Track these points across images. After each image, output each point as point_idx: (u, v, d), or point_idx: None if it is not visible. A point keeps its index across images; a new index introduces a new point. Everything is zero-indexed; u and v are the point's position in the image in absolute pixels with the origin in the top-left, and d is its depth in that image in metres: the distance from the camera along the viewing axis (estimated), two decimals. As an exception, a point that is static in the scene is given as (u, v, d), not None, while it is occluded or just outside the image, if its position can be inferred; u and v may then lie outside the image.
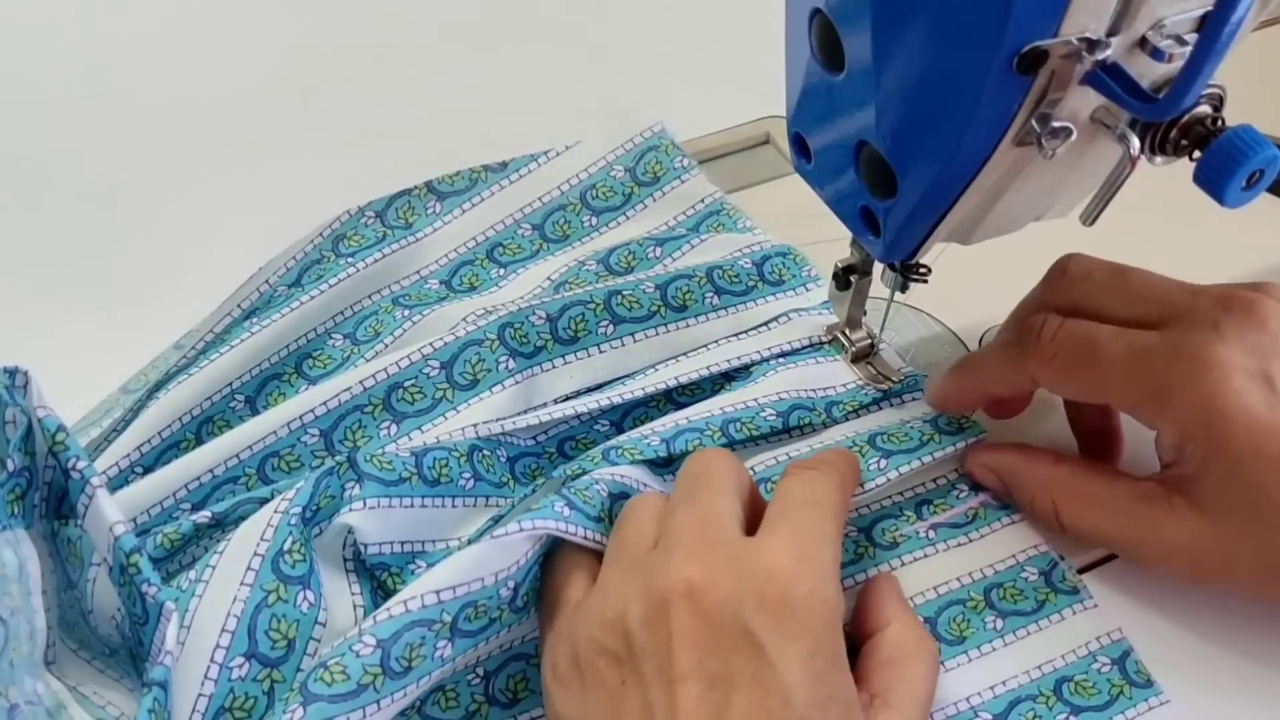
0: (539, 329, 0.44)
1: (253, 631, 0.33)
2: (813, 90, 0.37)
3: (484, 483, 0.40)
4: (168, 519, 0.38)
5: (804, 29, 0.36)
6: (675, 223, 0.51)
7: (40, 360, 0.34)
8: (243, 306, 0.45)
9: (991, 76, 0.29)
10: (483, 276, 0.49)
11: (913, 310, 0.49)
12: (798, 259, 0.49)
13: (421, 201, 0.50)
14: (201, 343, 0.44)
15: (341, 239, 0.49)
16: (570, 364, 0.44)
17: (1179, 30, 0.29)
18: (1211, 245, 0.50)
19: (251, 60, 0.64)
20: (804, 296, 0.48)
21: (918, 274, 0.40)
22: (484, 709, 0.36)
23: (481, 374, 0.43)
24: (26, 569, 0.33)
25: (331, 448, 0.41)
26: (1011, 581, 0.39)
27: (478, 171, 0.51)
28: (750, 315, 0.47)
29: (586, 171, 0.52)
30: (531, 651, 0.37)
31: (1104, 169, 0.33)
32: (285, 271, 0.47)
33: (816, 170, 0.40)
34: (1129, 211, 0.36)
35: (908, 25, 0.31)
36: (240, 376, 0.43)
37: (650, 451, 0.40)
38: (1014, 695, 0.37)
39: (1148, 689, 0.37)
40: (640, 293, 0.45)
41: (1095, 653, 0.38)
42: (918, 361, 0.47)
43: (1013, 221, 0.37)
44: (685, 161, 0.52)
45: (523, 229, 0.50)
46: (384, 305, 0.47)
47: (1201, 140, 0.32)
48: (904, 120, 0.33)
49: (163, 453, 0.41)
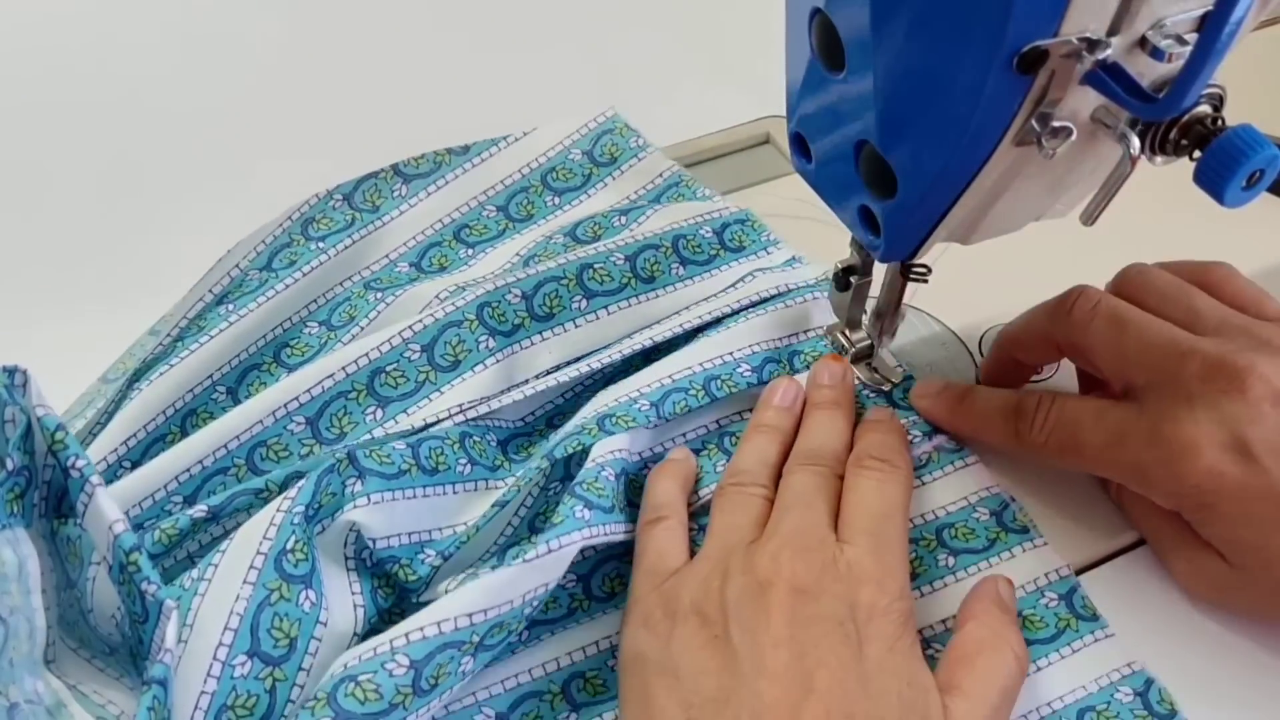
0: (515, 307, 0.44)
1: (255, 630, 0.33)
2: (813, 90, 0.37)
3: (479, 467, 0.41)
4: (160, 512, 0.38)
5: (804, 29, 0.36)
6: (636, 196, 0.52)
7: (38, 358, 0.34)
8: (214, 291, 0.46)
9: (992, 76, 0.29)
10: (451, 257, 0.50)
11: (913, 310, 0.49)
12: (755, 225, 0.50)
13: (388, 184, 0.51)
14: (176, 329, 0.44)
15: (311, 222, 0.49)
16: (548, 340, 0.45)
17: (1179, 30, 0.29)
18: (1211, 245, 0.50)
19: (251, 62, 0.65)
20: (765, 259, 0.49)
21: (918, 274, 0.40)
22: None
23: (462, 355, 0.43)
24: (26, 568, 0.33)
25: (318, 435, 0.41)
26: (963, 521, 0.41)
27: (441, 154, 0.52)
28: (715, 282, 0.48)
29: (545, 155, 0.53)
30: (544, 689, 0.37)
31: (1104, 169, 0.33)
32: (255, 255, 0.47)
33: (816, 170, 0.39)
34: (1129, 211, 0.36)
35: (908, 25, 0.31)
36: (220, 368, 0.43)
37: (642, 418, 0.41)
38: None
39: (1093, 622, 0.38)
40: (611, 265, 0.46)
41: (1043, 588, 0.39)
42: (918, 361, 0.47)
43: (1013, 221, 0.37)
44: (640, 141, 0.54)
45: (487, 210, 0.51)
46: (356, 290, 0.47)
47: (1201, 140, 0.32)
48: (904, 120, 0.33)
49: (149, 446, 0.41)
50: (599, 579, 0.40)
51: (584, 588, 0.40)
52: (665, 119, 0.53)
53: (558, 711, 0.36)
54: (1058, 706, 0.36)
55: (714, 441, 0.43)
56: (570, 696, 0.37)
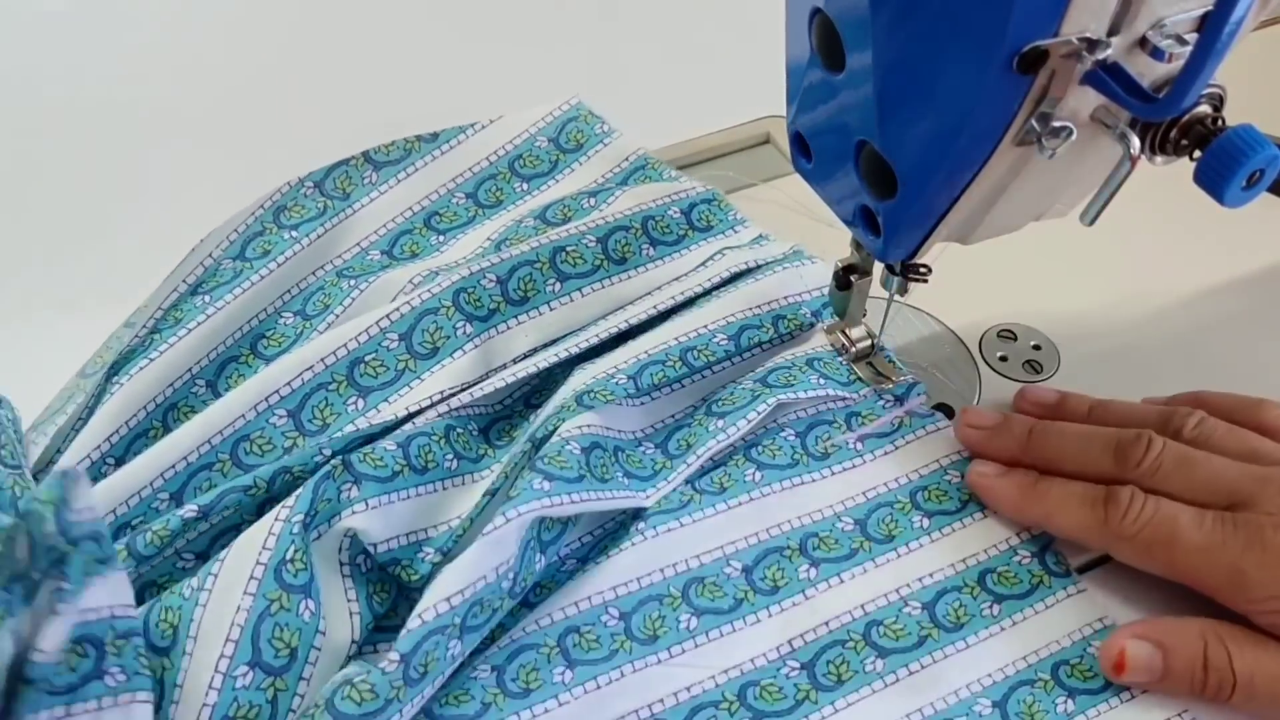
0: (490, 292, 0.45)
1: (256, 640, 0.33)
2: (813, 90, 0.37)
3: (465, 460, 0.41)
4: (147, 509, 0.38)
5: (804, 28, 0.36)
6: (604, 180, 0.53)
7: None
8: (188, 281, 0.46)
9: (992, 76, 0.29)
10: (423, 244, 0.50)
11: (913, 310, 0.49)
12: (722, 204, 0.50)
13: (359, 171, 0.51)
14: (151, 320, 0.44)
15: (283, 210, 0.49)
16: (524, 323, 0.45)
17: (1179, 30, 0.29)
18: (1211, 245, 0.50)
19: (219, 53, 0.64)
20: (733, 238, 0.49)
21: (918, 274, 0.40)
22: (499, 700, 0.36)
23: (440, 342, 0.43)
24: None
25: (301, 427, 0.41)
26: (936, 484, 0.42)
27: (411, 141, 0.52)
28: (685, 262, 0.48)
29: (512, 143, 0.53)
30: (539, 641, 0.37)
31: (1104, 169, 0.33)
32: (228, 244, 0.47)
33: (816, 170, 0.39)
34: (1129, 211, 0.36)
35: (908, 24, 0.31)
36: (199, 361, 0.44)
37: (620, 391, 0.41)
38: (940, 586, 0.39)
39: (1066, 578, 0.39)
40: (583, 247, 0.47)
41: (1015, 547, 0.40)
42: (918, 361, 0.47)
43: (1013, 221, 0.37)
44: (605, 127, 0.54)
45: (456, 197, 0.52)
46: (329, 279, 0.47)
47: (1202, 140, 0.32)
48: (904, 120, 0.33)
49: (131, 442, 0.41)
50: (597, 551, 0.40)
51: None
52: (665, 119, 0.53)
53: (553, 665, 0.36)
54: (1033, 660, 0.37)
55: (701, 411, 0.44)
56: (566, 651, 0.37)
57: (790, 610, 0.39)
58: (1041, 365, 0.48)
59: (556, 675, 0.36)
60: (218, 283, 0.46)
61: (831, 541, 0.40)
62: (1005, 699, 0.37)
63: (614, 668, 0.37)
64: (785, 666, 0.37)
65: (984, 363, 0.47)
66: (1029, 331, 0.49)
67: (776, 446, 0.43)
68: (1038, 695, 0.37)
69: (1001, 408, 0.45)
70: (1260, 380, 0.46)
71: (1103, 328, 0.49)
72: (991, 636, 0.38)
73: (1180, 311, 0.50)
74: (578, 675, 0.36)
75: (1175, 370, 0.46)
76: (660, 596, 0.39)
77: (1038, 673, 0.37)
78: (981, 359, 0.48)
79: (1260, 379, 0.46)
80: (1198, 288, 0.41)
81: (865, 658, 0.38)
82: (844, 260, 0.43)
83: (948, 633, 0.38)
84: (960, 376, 0.47)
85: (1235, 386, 0.43)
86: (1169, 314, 0.50)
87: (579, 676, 0.36)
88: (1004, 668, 0.37)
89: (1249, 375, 0.46)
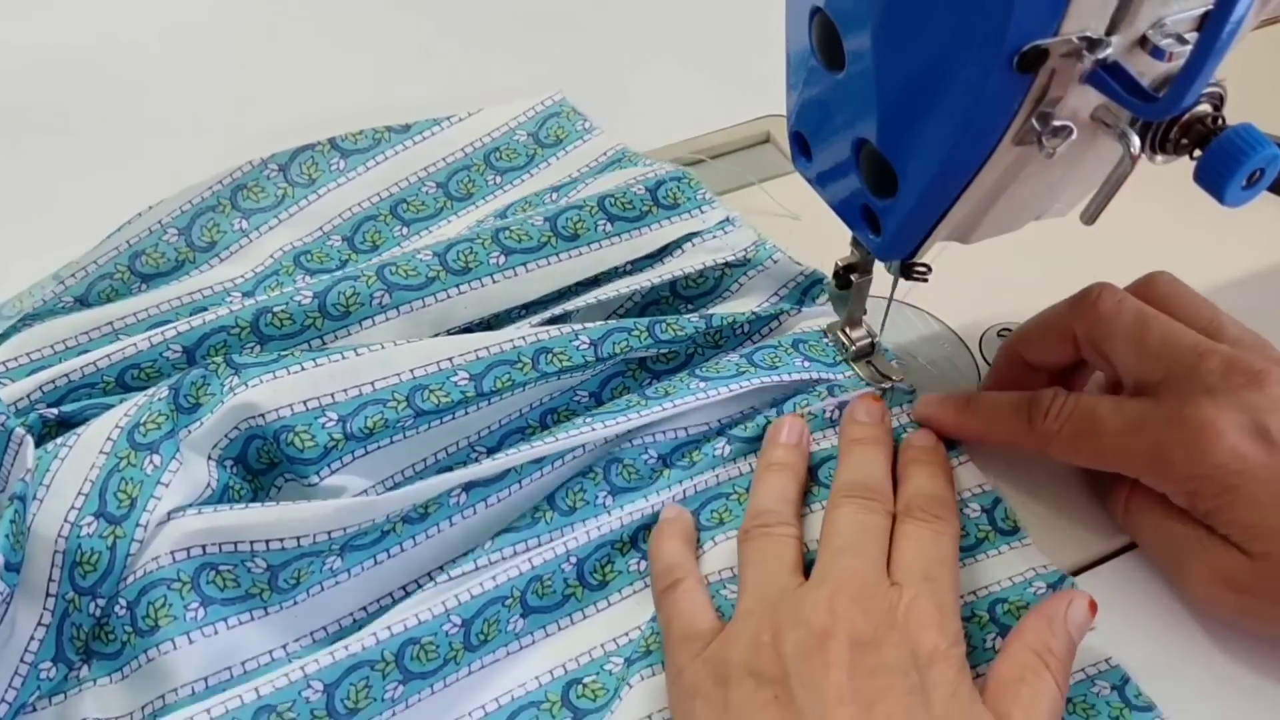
0: (428, 263, 0.44)
1: (104, 494, 0.36)
2: (813, 89, 0.37)
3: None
4: (21, 415, 0.39)
5: (804, 27, 0.36)
6: (578, 174, 0.52)
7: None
8: (130, 243, 0.46)
9: (992, 75, 0.29)
10: (385, 234, 0.49)
11: (913, 309, 0.49)
12: (692, 182, 0.49)
13: (325, 157, 0.50)
14: (82, 273, 0.45)
15: (241, 189, 0.49)
16: (465, 294, 0.44)
17: (1179, 29, 0.29)
18: (1211, 245, 0.50)
19: (188, 32, 0.65)
20: (699, 219, 0.48)
21: (918, 273, 0.40)
22: (459, 655, 0.36)
23: (354, 307, 0.43)
24: None
25: (194, 364, 0.41)
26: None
27: (381, 131, 0.51)
28: (646, 241, 0.47)
29: (490, 136, 0.52)
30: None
31: (1104, 168, 0.33)
32: (179, 214, 0.47)
33: (817, 169, 0.39)
34: (1129, 210, 0.36)
35: (908, 24, 0.31)
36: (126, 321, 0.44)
37: (579, 356, 0.42)
38: None
39: (1013, 534, 0.40)
40: (528, 225, 0.46)
41: (966, 500, 0.41)
42: (918, 360, 0.47)
43: (1013, 220, 0.37)
44: (586, 124, 0.53)
45: (426, 186, 0.51)
46: (285, 265, 0.47)
47: (1202, 139, 0.32)
48: (904, 119, 0.33)
49: (30, 373, 0.42)
50: (591, 565, 0.40)
51: (578, 573, 0.39)
52: (665, 118, 0.53)
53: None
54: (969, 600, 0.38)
55: (685, 373, 0.44)
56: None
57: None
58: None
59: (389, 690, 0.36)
60: (158, 261, 0.46)
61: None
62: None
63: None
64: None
65: (984, 362, 0.47)
66: (1029, 331, 0.49)
67: (753, 424, 0.43)
68: (971, 630, 0.37)
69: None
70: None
71: (1103, 327, 0.49)
72: None
73: (1180, 311, 0.50)
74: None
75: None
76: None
77: (974, 610, 0.38)
78: (982, 358, 0.48)
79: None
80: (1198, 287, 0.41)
81: None
82: (844, 260, 0.43)
83: None
84: (960, 376, 0.47)
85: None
86: (1169, 314, 0.50)
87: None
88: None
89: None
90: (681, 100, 0.60)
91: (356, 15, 0.68)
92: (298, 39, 0.66)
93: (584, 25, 0.67)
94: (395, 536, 0.39)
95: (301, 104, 0.59)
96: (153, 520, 0.36)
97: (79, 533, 0.35)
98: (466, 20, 0.67)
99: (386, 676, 0.35)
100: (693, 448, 0.43)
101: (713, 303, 0.48)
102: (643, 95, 0.61)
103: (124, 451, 0.36)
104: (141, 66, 0.62)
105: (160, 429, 0.37)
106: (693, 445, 0.43)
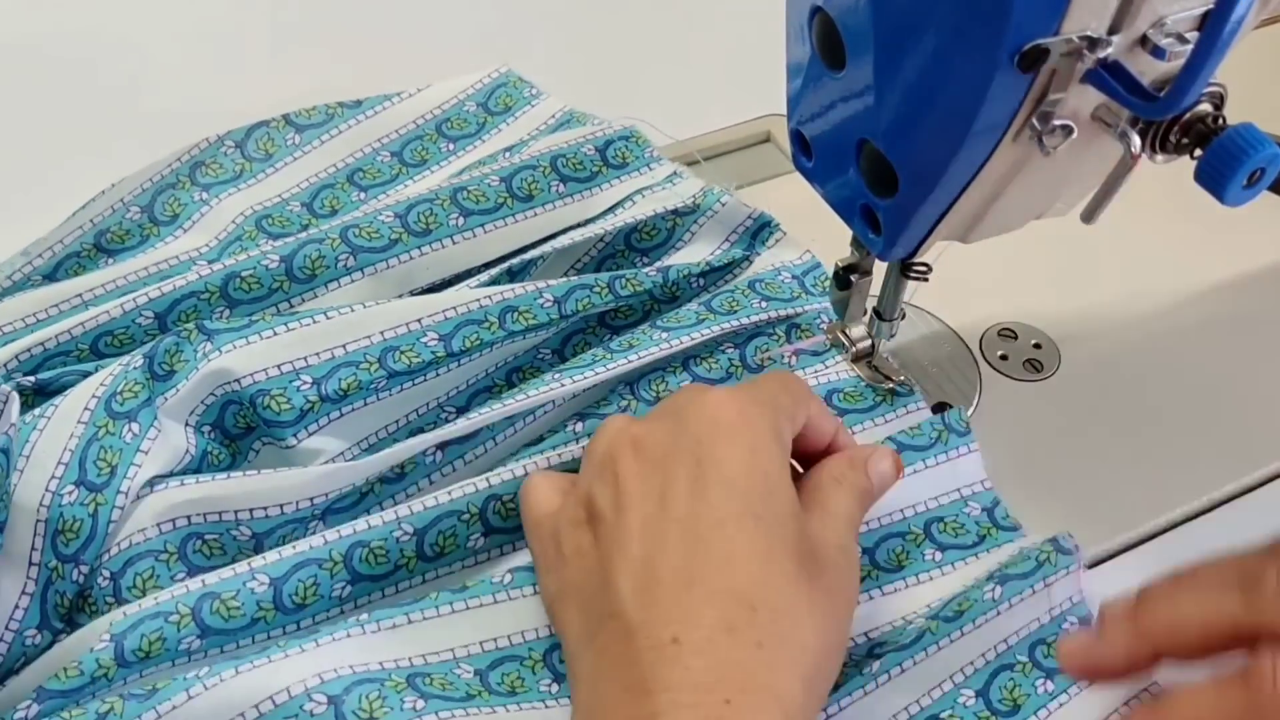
0: (390, 225, 0.45)
1: (83, 463, 0.36)
2: (813, 88, 0.37)
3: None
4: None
5: (804, 27, 0.36)
6: (529, 137, 0.53)
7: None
8: (94, 221, 0.46)
9: (993, 74, 0.29)
10: (344, 200, 0.50)
11: (913, 309, 0.49)
12: (640, 141, 0.50)
13: (280, 133, 0.51)
14: (49, 251, 0.45)
15: (200, 165, 0.49)
16: (425, 255, 0.45)
17: (1180, 28, 0.29)
18: (1212, 244, 0.50)
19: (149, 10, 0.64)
20: (648, 175, 0.50)
21: (918, 273, 0.40)
22: (412, 563, 0.37)
23: (320, 270, 0.44)
24: None
25: (166, 330, 0.42)
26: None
27: (333, 107, 0.52)
28: (597, 201, 0.49)
29: (440, 108, 0.53)
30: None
31: (1105, 167, 0.33)
32: (140, 191, 0.48)
33: (817, 168, 0.39)
34: (1129, 210, 0.36)
35: (908, 23, 0.31)
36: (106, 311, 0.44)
37: (544, 314, 0.43)
38: (885, 531, 0.40)
39: (1014, 531, 0.40)
40: (486, 186, 0.47)
41: (967, 498, 0.41)
42: (918, 360, 0.47)
43: (1013, 219, 0.37)
44: (534, 91, 0.54)
45: (381, 156, 0.52)
46: (248, 229, 0.48)
47: (1202, 138, 0.32)
48: (904, 118, 0.33)
49: (3, 345, 0.42)
50: None
51: None
52: (665, 118, 0.53)
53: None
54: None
55: (647, 324, 0.45)
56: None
57: None
58: (1042, 364, 0.48)
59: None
60: (122, 237, 0.47)
61: None
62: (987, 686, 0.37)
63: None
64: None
65: (984, 362, 0.48)
66: (1029, 330, 0.49)
67: (714, 360, 0.44)
68: (1018, 679, 0.37)
69: (1002, 407, 0.45)
70: (1261, 380, 0.46)
71: (1103, 327, 0.49)
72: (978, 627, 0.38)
73: (1180, 311, 0.50)
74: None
75: (1175, 369, 0.46)
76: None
77: (1016, 656, 0.38)
78: (982, 358, 0.48)
79: (1261, 379, 0.46)
80: (1198, 287, 0.41)
81: None
82: (844, 260, 0.43)
83: (947, 623, 0.38)
84: (961, 375, 0.47)
85: (1235, 386, 0.43)
86: (1169, 313, 0.50)
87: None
88: (984, 653, 0.38)
89: (1249, 375, 0.46)
90: (681, 100, 0.60)
91: (357, 15, 0.68)
92: (298, 35, 0.66)
93: (584, 25, 0.67)
94: (374, 496, 0.40)
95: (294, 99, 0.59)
96: (133, 487, 0.36)
97: (60, 501, 0.36)
98: (466, 20, 0.67)
99: (334, 575, 0.36)
100: (656, 379, 0.44)
101: (667, 253, 0.49)
102: (643, 95, 0.61)
103: (102, 420, 0.37)
104: (93, 49, 0.62)
105: (137, 397, 0.38)
106: (656, 377, 0.44)
